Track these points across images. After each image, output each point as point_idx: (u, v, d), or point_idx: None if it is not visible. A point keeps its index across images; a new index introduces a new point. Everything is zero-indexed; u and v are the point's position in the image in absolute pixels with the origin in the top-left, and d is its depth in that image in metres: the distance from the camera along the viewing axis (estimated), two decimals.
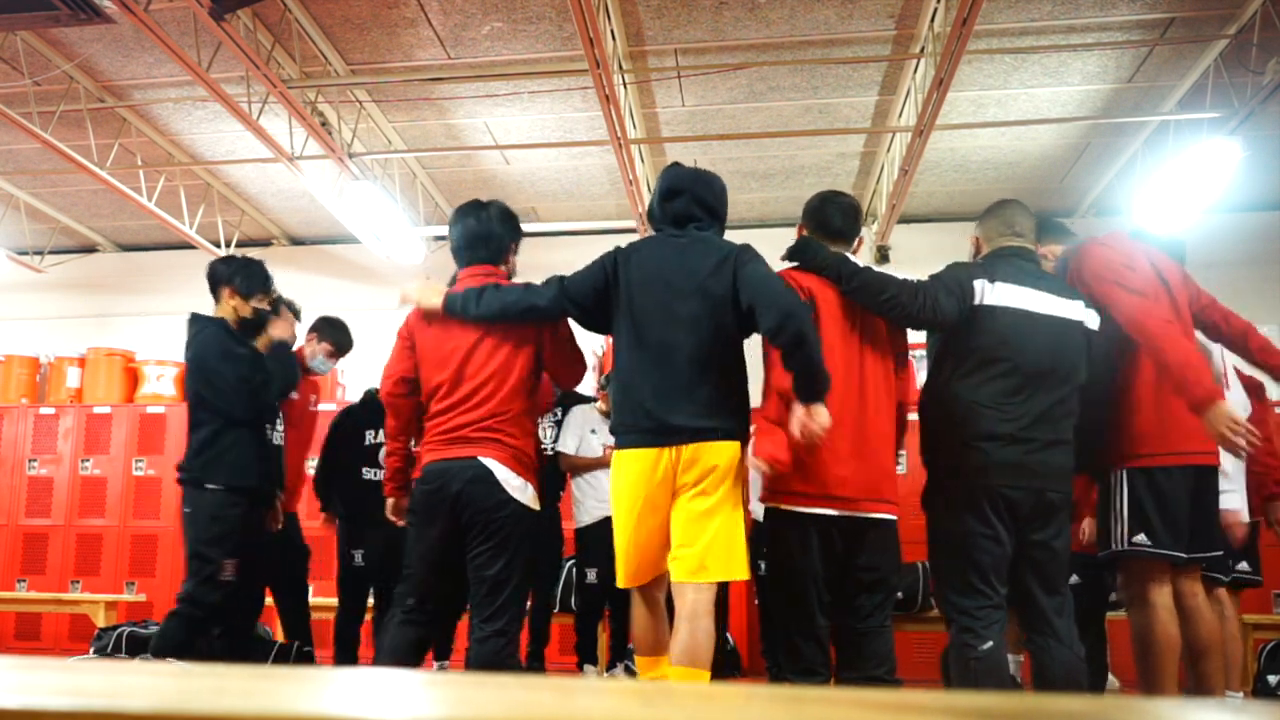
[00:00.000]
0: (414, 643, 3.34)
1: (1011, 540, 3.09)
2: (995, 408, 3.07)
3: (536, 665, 5.56)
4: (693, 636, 2.90)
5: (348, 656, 5.12)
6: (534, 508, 3.30)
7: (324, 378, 5.78)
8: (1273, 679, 5.08)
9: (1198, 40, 5.96)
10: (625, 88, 6.32)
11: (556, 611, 5.93)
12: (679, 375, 2.96)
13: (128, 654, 5.77)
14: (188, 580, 4.17)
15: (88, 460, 7.89)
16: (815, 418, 2.83)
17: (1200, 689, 3.36)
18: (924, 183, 7.74)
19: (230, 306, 4.37)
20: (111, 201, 8.30)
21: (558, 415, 5.57)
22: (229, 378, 4.21)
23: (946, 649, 3.21)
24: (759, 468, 2.96)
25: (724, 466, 2.96)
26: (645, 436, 2.98)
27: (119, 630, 6.01)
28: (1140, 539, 3.27)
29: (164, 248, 9.31)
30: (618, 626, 5.52)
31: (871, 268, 3.19)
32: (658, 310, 3.03)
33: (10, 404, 8.32)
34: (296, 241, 9.37)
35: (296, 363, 4.65)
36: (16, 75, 6.16)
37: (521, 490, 3.24)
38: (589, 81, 5.86)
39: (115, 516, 7.70)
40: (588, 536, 5.38)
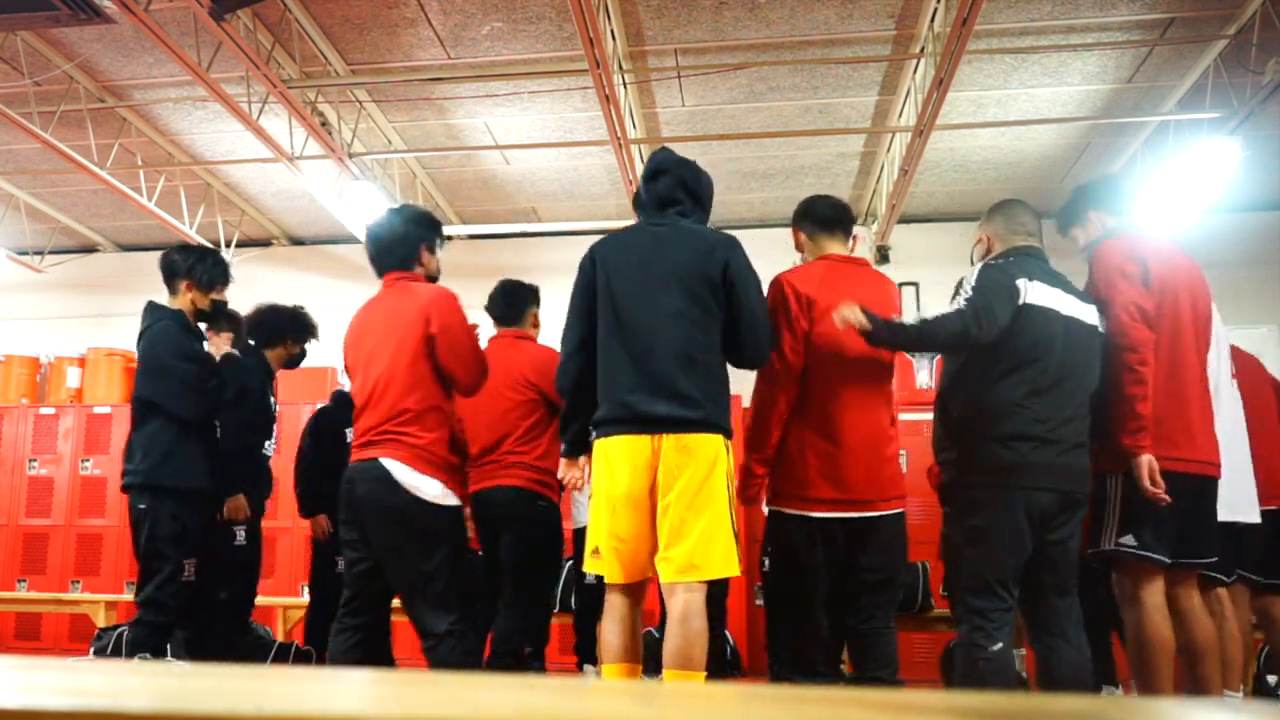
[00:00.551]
0: (348, 649, 3.32)
1: (1033, 543, 3.08)
2: (1029, 408, 3.05)
3: (537, 665, 5.55)
4: (685, 639, 2.84)
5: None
6: (445, 504, 3.25)
7: (324, 378, 5.77)
8: (1272, 679, 5.07)
9: (1197, 40, 5.95)
10: (625, 88, 6.32)
11: (556, 611, 5.92)
12: (660, 366, 2.91)
13: (128, 654, 5.76)
14: (145, 585, 4.03)
15: (88, 460, 7.89)
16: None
17: (1198, 691, 3.35)
18: (924, 183, 7.73)
19: (188, 299, 4.30)
20: (111, 201, 8.30)
21: None
22: (183, 376, 4.09)
23: (948, 648, 3.21)
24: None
25: (708, 459, 2.88)
26: (625, 426, 2.92)
27: (119, 630, 5.99)
28: (1127, 540, 3.26)
29: (164, 248, 9.18)
30: None
31: (919, 322, 3.15)
32: (637, 300, 2.97)
33: (10, 404, 8.32)
34: (296, 241, 9.37)
35: (251, 372, 4.58)
36: (16, 75, 6.16)
37: (427, 487, 3.21)
38: (589, 81, 5.86)
39: (115, 516, 7.68)
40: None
